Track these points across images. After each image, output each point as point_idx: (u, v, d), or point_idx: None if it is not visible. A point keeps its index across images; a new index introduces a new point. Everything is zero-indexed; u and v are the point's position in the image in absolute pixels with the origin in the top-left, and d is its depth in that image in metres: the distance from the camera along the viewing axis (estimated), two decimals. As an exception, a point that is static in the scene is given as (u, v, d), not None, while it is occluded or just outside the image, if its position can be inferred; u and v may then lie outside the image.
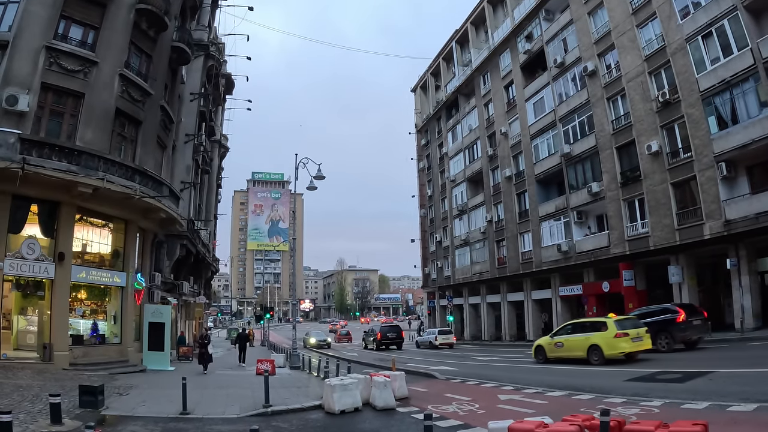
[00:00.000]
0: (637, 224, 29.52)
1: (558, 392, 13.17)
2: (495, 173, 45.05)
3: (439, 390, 14.68)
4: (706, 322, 21.47)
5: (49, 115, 19.61)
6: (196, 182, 32.97)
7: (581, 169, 34.33)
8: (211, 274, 47.67)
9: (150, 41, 23.88)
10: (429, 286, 59.34)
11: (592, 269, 33.63)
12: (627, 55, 30.05)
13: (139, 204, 20.94)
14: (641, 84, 28.83)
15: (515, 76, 42.16)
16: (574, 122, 34.82)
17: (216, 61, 35.20)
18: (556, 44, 37.19)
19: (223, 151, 50.39)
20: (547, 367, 19.45)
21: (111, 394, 13.54)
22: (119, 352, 21.03)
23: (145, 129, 23.13)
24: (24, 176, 17.09)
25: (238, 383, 17.54)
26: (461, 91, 51.89)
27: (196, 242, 33.14)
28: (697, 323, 20.69)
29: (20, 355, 18.16)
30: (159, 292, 25.44)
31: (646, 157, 28.30)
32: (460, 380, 16.84)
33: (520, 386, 14.61)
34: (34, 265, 18.00)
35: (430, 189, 59.16)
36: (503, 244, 43.26)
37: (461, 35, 53.03)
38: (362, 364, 25.14)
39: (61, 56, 19.64)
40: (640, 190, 29.01)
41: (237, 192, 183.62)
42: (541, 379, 15.62)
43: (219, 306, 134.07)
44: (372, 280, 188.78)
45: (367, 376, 12.34)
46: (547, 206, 37.31)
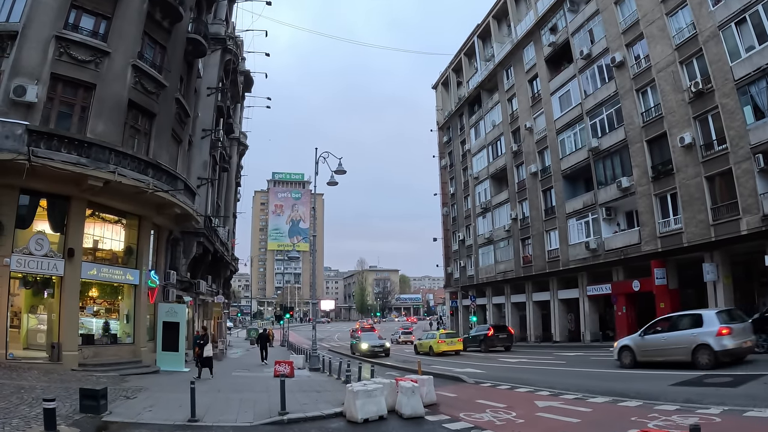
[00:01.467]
0: (669, 220, 28.20)
1: (600, 398, 12.07)
2: (520, 169, 43.82)
3: (469, 395, 13.58)
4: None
5: (59, 106, 18.99)
6: (213, 178, 32.25)
7: (610, 163, 33.01)
8: (230, 273, 47.03)
9: (164, 32, 23.20)
10: (451, 285, 58.17)
11: (621, 268, 32.32)
12: (657, 45, 28.78)
13: (152, 199, 20.18)
14: (672, 74, 27.58)
15: (540, 70, 40.89)
16: (602, 115, 33.53)
17: (234, 56, 34.49)
18: (582, 35, 35.92)
19: (242, 149, 49.76)
20: (583, 371, 18.25)
21: (117, 397, 12.74)
22: (132, 353, 20.29)
23: (159, 122, 22.40)
24: (31, 169, 16.43)
25: (254, 386, 16.65)
26: (484, 86, 50.73)
27: (214, 240, 32.43)
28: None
29: (29, 355, 17.52)
30: (174, 290, 24.69)
31: (679, 149, 27.01)
32: (490, 384, 15.70)
33: (556, 391, 13.50)
34: (43, 261, 17.29)
35: (453, 187, 58.01)
36: (528, 242, 42.00)
37: (483, 30, 51.89)
38: (385, 366, 24.11)
39: (71, 46, 19.04)
40: (672, 185, 27.71)
41: (257, 192, 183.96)
42: (578, 383, 14.51)
43: (239, 306, 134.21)
44: (393, 281, 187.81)
45: (393, 381, 11.21)
46: (575, 203, 36.03)
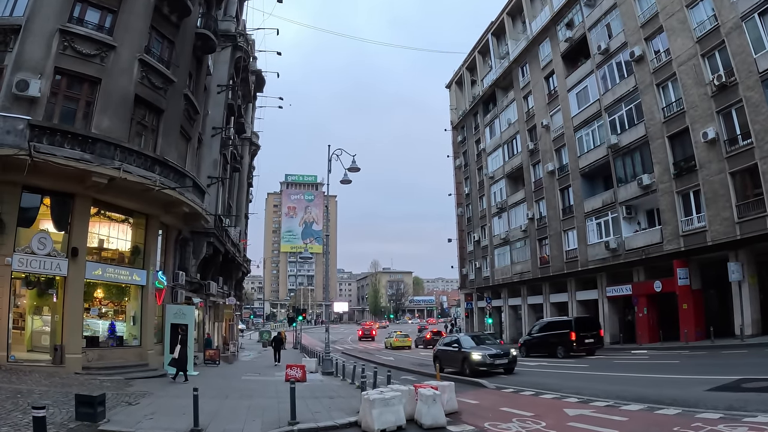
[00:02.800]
0: (692, 218, 27.28)
1: (634, 405, 11.19)
2: (536, 168, 42.97)
3: (492, 402, 12.71)
4: None
5: (63, 101, 18.47)
6: (224, 177, 31.63)
7: (630, 160, 32.12)
8: (242, 275, 46.45)
9: (172, 27, 22.66)
10: (466, 287, 57.23)
11: (642, 268, 31.31)
12: (677, 38, 27.98)
13: (159, 197, 19.53)
14: (694, 68, 26.80)
15: (556, 66, 40.10)
16: (621, 111, 32.71)
17: (244, 53, 33.86)
18: (599, 30, 35.11)
19: (254, 149, 49.25)
20: (609, 375, 17.29)
21: (118, 403, 12.06)
22: (138, 355, 19.65)
23: (167, 118, 21.80)
24: (34, 165, 15.85)
25: (264, 391, 15.91)
26: (499, 84, 49.99)
27: (225, 241, 31.82)
28: None
29: (31, 358, 16.94)
30: (183, 291, 24.06)
31: (702, 145, 26.16)
32: (512, 390, 14.81)
33: (585, 397, 12.62)
34: (45, 261, 16.71)
35: (468, 187, 57.16)
36: (546, 242, 41.05)
37: (497, 27, 51.24)
38: (400, 369, 23.29)
39: (76, 40, 18.52)
40: (695, 181, 26.83)
41: (270, 194, 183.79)
42: (606, 389, 13.61)
43: (252, 308, 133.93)
44: (406, 282, 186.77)
45: (411, 388, 10.34)
46: (593, 201, 35.09)
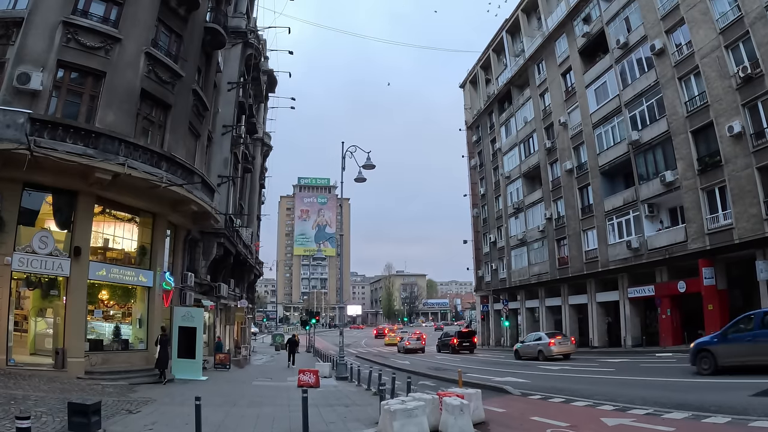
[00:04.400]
0: (718, 215, 26.27)
1: (677, 413, 10.21)
2: (554, 167, 41.90)
3: (521, 411, 11.72)
4: None
5: (67, 95, 17.87)
6: (235, 176, 30.91)
7: (652, 157, 31.09)
8: (254, 277, 45.72)
9: (180, 20, 21.98)
10: (482, 289, 56.15)
11: (665, 268, 30.22)
12: (699, 30, 27.08)
13: (166, 194, 18.79)
14: (717, 60, 25.89)
15: (573, 62, 39.14)
16: (641, 107, 31.72)
17: (255, 50, 33.19)
18: (618, 24, 34.21)
19: (266, 150, 48.59)
20: (640, 379, 16.26)
21: (118, 411, 11.27)
22: (144, 360, 18.86)
23: (175, 114, 21.09)
24: (35, 161, 15.18)
25: (275, 398, 15.00)
26: (514, 82, 49.06)
27: (236, 242, 31.09)
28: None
29: (33, 361, 16.29)
30: (192, 293, 23.28)
31: (727, 139, 25.19)
32: (540, 397, 13.78)
33: (620, 404, 11.61)
34: (47, 260, 15.99)
35: (483, 187, 56.14)
36: (564, 242, 39.96)
37: (512, 24, 50.42)
38: (417, 374, 22.32)
39: (80, 32, 17.91)
40: (721, 177, 25.84)
41: (283, 197, 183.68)
42: (642, 395, 12.64)
43: (265, 311, 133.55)
44: (420, 285, 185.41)
45: (435, 397, 9.38)
46: (614, 200, 34.04)
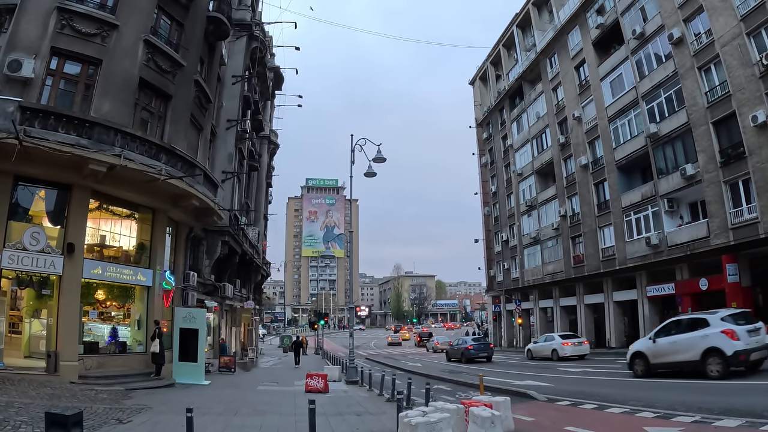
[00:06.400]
0: (742, 209, 25.19)
1: (729, 420, 9.19)
2: (568, 163, 40.79)
3: (552, 419, 10.61)
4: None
5: (60, 83, 16.94)
6: (240, 172, 29.96)
7: (671, 150, 29.99)
8: (261, 278, 44.75)
9: (181, 8, 21.10)
10: (494, 289, 55.07)
11: (685, 265, 29.14)
12: (719, 17, 26.09)
13: (166, 188, 17.82)
14: (739, 47, 24.90)
15: (587, 55, 38.05)
16: (659, 98, 30.62)
17: (261, 44, 32.26)
18: (633, 14, 33.20)
19: (272, 148, 47.71)
20: (673, 382, 15.12)
21: (107, 421, 10.26)
22: (144, 363, 17.87)
23: (176, 105, 20.13)
24: (25, 151, 14.25)
25: (281, 406, 13.92)
26: (525, 77, 48.04)
27: (242, 241, 30.14)
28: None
29: (26, 365, 15.35)
30: (195, 294, 22.29)
31: (751, 129, 24.18)
32: (569, 403, 12.65)
33: (661, 411, 10.53)
34: (38, 258, 15.05)
35: (494, 185, 55.09)
36: (579, 240, 38.81)
37: (522, 18, 49.47)
38: (431, 377, 21.27)
39: (75, 18, 17.00)
40: (744, 169, 24.81)
41: (291, 199, 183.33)
42: (682, 400, 11.59)
43: (273, 313, 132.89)
44: (429, 286, 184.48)
45: (459, 406, 8.26)
46: (632, 195, 32.93)
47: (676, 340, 16.23)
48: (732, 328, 14.69)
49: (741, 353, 14.25)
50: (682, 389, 13.52)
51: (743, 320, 15.31)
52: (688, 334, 15.97)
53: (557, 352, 29.59)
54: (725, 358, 14.41)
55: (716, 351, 14.67)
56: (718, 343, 14.65)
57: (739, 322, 15.08)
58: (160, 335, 17.73)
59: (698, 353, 15.17)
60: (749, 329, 14.83)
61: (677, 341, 16.17)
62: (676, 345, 16.14)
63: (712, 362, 14.80)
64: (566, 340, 30.20)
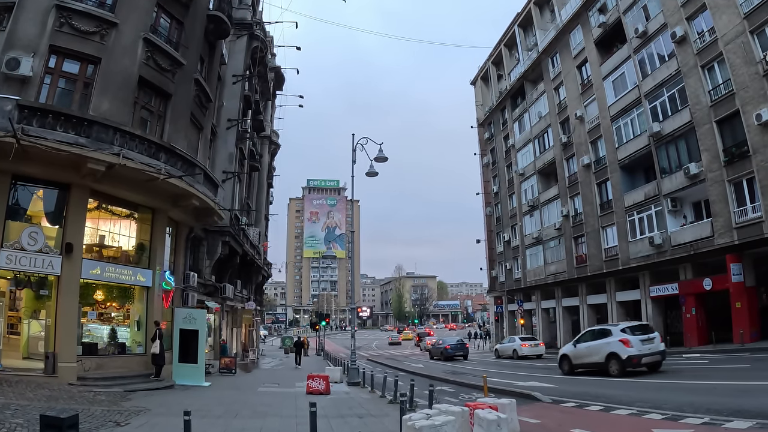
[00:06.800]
0: (746, 208, 25.04)
1: (739, 421, 9.01)
2: (570, 162, 40.60)
3: (557, 421, 10.39)
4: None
5: (59, 82, 16.79)
6: (240, 172, 29.78)
7: (674, 149, 29.84)
8: (263, 278, 44.57)
9: (181, 6, 20.96)
10: (496, 290, 54.83)
11: (689, 265, 28.91)
12: (722, 15, 26.00)
13: (166, 188, 17.66)
14: (742, 45, 24.80)
15: (589, 54, 37.90)
16: (662, 97, 30.47)
17: (261, 43, 32.11)
18: (635, 13, 33.07)
19: (273, 148, 47.54)
20: (679, 383, 14.98)
21: (104, 423, 10.08)
22: (143, 364, 17.68)
23: (176, 104, 19.96)
24: (23, 150, 14.09)
25: (281, 408, 13.70)
26: (527, 77, 47.85)
27: (243, 241, 29.96)
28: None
29: (24, 366, 15.19)
30: (195, 294, 22.11)
31: (755, 128, 24.06)
32: (574, 404, 12.42)
33: (669, 412, 10.34)
34: (36, 258, 14.88)
35: (496, 185, 54.90)
36: (582, 240, 38.63)
37: (524, 18, 49.38)
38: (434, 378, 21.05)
39: (73, 16, 16.87)
40: (749, 168, 24.66)
41: (292, 200, 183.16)
42: (690, 401, 11.39)
43: (275, 314, 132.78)
44: (430, 287, 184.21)
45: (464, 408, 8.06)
46: (635, 195, 32.76)
47: (590, 346, 19.91)
48: (628, 337, 18.12)
49: (633, 357, 17.72)
50: (690, 390, 13.32)
51: (640, 331, 18.70)
52: (598, 341, 19.58)
53: (517, 352, 34.53)
54: (621, 361, 17.92)
55: (615, 355, 18.23)
56: (617, 349, 18.20)
57: (635, 332, 18.46)
58: (160, 336, 17.57)
59: (603, 356, 18.82)
60: (643, 339, 18.20)
61: (590, 346, 19.87)
62: (590, 349, 19.84)
63: (612, 364, 18.36)
64: (524, 341, 35.47)
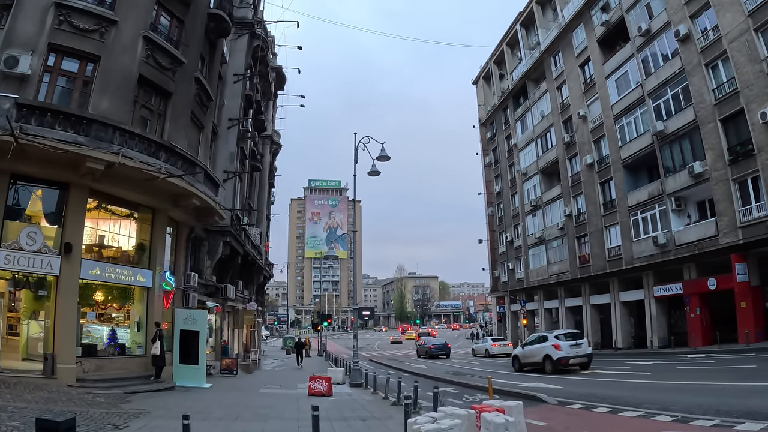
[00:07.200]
0: (751, 207, 24.89)
1: (750, 423, 8.86)
2: (573, 162, 40.45)
3: (565, 424, 10.19)
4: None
5: (58, 80, 16.62)
6: (242, 172, 29.57)
7: (678, 148, 29.68)
8: (264, 279, 44.37)
9: (181, 4, 20.78)
10: (498, 290, 54.64)
11: (693, 264, 28.82)
12: (726, 13, 25.89)
13: (166, 187, 17.46)
14: (746, 44, 24.67)
15: (592, 53, 37.80)
16: (666, 96, 30.35)
17: (262, 42, 31.91)
18: (639, 11, 32.95)
19: (275, 148, 47.34)
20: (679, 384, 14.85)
21: (102, 426, 9.89)
22: (143, 366, 17.48)
23: (176, 102, 19.78)
24: (21, 149, 13.92)
25: (283, 410, 13.48)
26: (529, 76, 47.74)
27: (244, 241, 29.76)
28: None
29: (23, 367, 15.05)
30: (196, 295, 21.89)
31: (759, 126, 23.93)
32: (581, 406, 12.21)
33: (677, 414, 10.16)
34: (35, 258, 14.69)
35: (498, 185, 54.75)
36: (585, 240, 38.45)
37: (526, 17, 49.33)
38: (437, 380, 20.85)
39: (72, 14, 16.69)
40: (753, 167, 24.54)
41: (294, 200, 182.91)
42: (698, 402, 11.29)
43: (276, 314, 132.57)
44: (432, 287, 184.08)
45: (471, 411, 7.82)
46: (638, 194, 32.60)
47: (532, 348, 24.10)
48: (558, 342, 22.23)
49: (562, 359, 21.80)
50: (698, 391, 13.12)
51: (570, 338, 22.91)
52: (538, 345, 23.72)
53: (488, 351, 39.70)
54: (553, 361, 21.99)
55: (548, 357, 22.33)
56: (550, 352, 22.29)
57: (567, 338, 22.68)
58: (161, 337, 17.38)
59: (541, 357, 22.96)
60: (572, 344, 22.26)
61: (533, 349, 24.04)
62: (532, 352, 23.98)
63: (547, 363, 22.35)
64: (495, 342, 41.14)
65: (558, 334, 23.16)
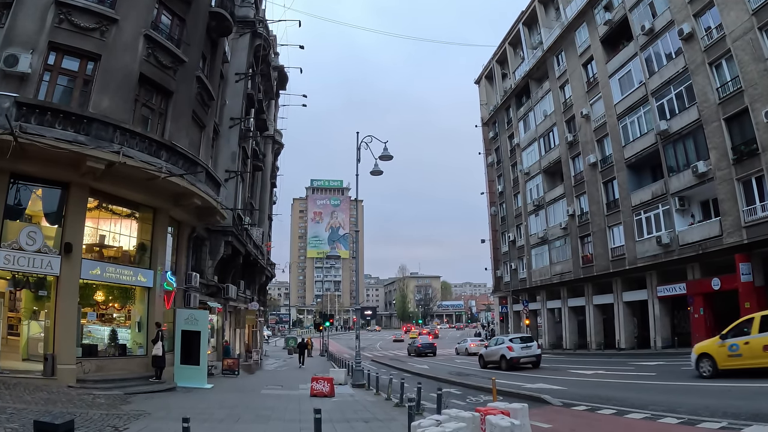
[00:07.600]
0: (755, 207, 24.74)
1: (759, 426, 8.66)
2: (576, 161, 40.34)
3: (570, 426, 10.03)
4: None
5: (58, 79, 16.50)
6: (243, 171, 29.45)
7: (682, 147, 29.55)
8: (266, 279, 44.25)
9: (183, 3, 20.63)
10: (501, 290, 54.52)
11: (697, 264, 28.70)
12: (730, 12, 25.77)
13: (167, 186, 17.34)
14: (751, 42, 24.56)
15: (595, 52, 37.70)
16: (669, 95, 30.20)
17: (264, 41, 31.78)
18: (642, 10, 32.81)
19: (277, 148, 47.19)
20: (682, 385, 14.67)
21: (103, 428, 9.77)
22: (144, 366, 17.36)
23: (177, 101, 19.66)
24: (21, 149, 13.79)
25: (285, 411, 13.34)
26: (532, 75, 47.65)
27: (246, 241, 29.64)
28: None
29: (23, 368, 14.92)
30: (197, 295, 21.79)
31: (764, 125, 23.82)
32: (585, 408, 12.06)
33: (684, 416, 10.00)
34: (35, 258, 14.59)
35: (501, 185, 54.62)
36: (588, 239, 38.32)
37: (528, 16, 49.26)
38: (439, 380, 20.72)
39: (73, 12, 16.57)
40: (758, 166, 24.39)
41: (296, 200, 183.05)
42: (705, 404, 11.10)
43: (278, 314, 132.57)
44: (434, 287, 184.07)
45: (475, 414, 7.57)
46: (642, 194, 32.47)
47: (493, 349, 28.46)
48: (511, 345, 26.33)
49: (514, 358, 25.82)
50: (703, 393, 12.98)
51: (521, 341, 26.91)
52: (496, 346, 28.19)
53: (467, 350, 43.03)
54: (507, 360, 26.02)
55: (504, 356, 26.32)
56: (505, 353, 26.33)
57: (520, 341, 26.79)
58: (162, 338, 17.27)
59: (498, 357, 26.88)
60: (523, 346, 26.30)
61: (493, 349, 28.37)
62: (493, 351, 28.17)
63: (503, 362, 26.31)
64: (472, 341, 45.76)
65: (513, 338, 27.89)
